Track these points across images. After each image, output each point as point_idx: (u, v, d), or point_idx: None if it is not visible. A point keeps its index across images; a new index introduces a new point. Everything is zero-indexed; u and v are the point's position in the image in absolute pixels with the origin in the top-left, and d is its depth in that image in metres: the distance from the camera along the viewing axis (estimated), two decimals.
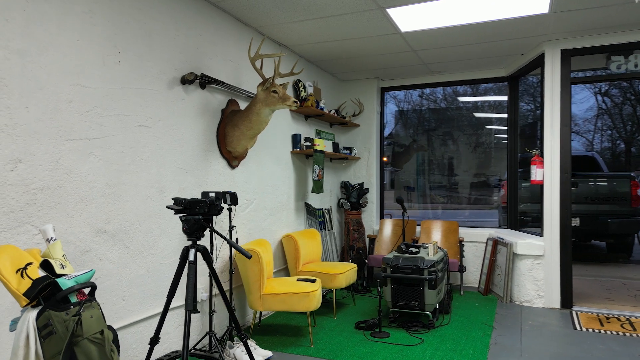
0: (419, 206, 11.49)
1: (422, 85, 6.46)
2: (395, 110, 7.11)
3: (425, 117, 6.75)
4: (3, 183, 2.26)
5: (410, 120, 6.92)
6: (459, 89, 6.71)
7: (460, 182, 7.99)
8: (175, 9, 3.39)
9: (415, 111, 6.85)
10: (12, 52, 2.30)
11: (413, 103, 7.42)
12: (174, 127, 3.38)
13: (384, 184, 7.30)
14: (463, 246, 5.68)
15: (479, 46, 4.97)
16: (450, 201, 10.31)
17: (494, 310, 4.74)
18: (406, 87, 6.55)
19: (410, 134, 7.10)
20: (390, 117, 7.73)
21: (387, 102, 6.74)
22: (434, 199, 10.74)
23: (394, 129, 7.41)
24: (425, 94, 6.82)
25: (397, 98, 6.97)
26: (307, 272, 4.54)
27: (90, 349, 1.76)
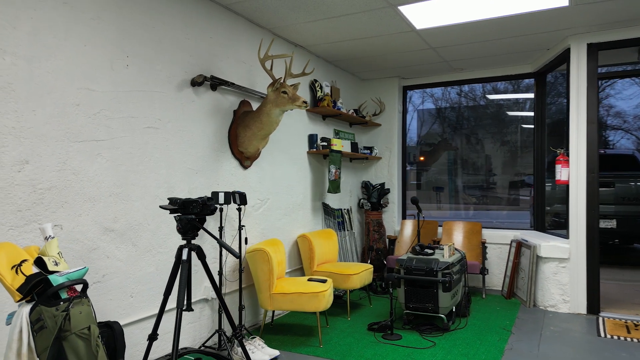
0: (450, 206, 11.25)
1: (445, 83, 6.33)
2: (432, 108, 6.96)
3: (462, 116, 6.58)
4: (10, 183, 2.37)
5: (449, 118, 6.75)
6: (489, 86, 6.51)
7: (492, 182, 7.76)
8: (186, 12, 3.46)
9: (454, 109, 6.68)
10: (19, 58, 2.41)
11: (451, 101, 7.23)
12: (184, 128, 3.45)
13: (410, 184, 7.21)
14: (486, 248, 5.53)
15: (500, 42, 4.83)
16: (481, 201, 10.05)
17: (515, 314, 4.59)
18: (428, 85, 6.44)
19: (445, 132, 6.95)
20: (428, 116, 7.59)
21: (425, 100, 6.62)
22: (465, 199, 10.50)
23: (431, 127, 7.26)
24: (464, 92, 6.62)
25: (434, 96, 6.82)
26: (321, 272, 4.54)
27: (77, 343, 1.82)
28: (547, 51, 5.18)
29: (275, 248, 4.06)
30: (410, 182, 7.30)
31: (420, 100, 6.72)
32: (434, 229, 5.93)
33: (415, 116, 7.08)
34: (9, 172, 2.36)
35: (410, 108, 6.73)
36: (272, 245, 4.04)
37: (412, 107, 6.67)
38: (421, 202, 8.18)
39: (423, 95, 6.86)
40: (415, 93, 6.96)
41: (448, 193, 9.00)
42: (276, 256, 4.01)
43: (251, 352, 3.37)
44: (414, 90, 6.84)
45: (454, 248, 4.50)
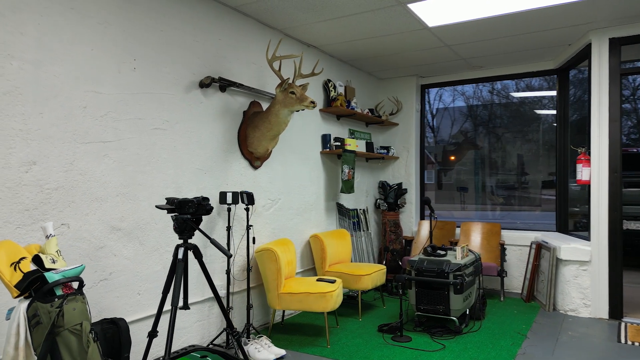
0: (476, 207, 10.97)
1: (464, 81, 6.21)
2: (463, 106, 6.80)
3: (495, 114, 6.40)
4: (18, 183, 2.46)
5: (481, 117, 6.57)
6: (522, 83, 6.29)
7: (524, 182, 7.51)
8: (194, 15, 3.51)
9: (486, 107, 6.49)
10: (26, 63, 2.50)
11: (483, 99, 7.05)
12: (192, 129, 3.51)
13: (431, 184, 7.10)
14: (505, 250, 5.40)
15: (517, 38, 4.70)
16: (509, 202, 9.76)
17: (532, 318, 4.46)
18: (447, 83, 6.33)
19: (472, 131, 6.78)
20: (459, 115, 7.43)
21: (456, 98, 6.48)
22: (493, 200, 10.22)
23: (462, 125, 7.10)
24: (497, 89, 6.44)
25: (465, 94, 6.65)
26: (333, 272, 4.53)
27: (70, 339, 1.87)
28: (568, 47, 5.02)
29: (285, 248, 4.07)
30: (432, 182, 7.17)
31: (451, 98, 6.56)
32: (451, 229, 5.83)
33: (445, 115, 6.92)
34: (16, 173, 2.45)
35: (440, 106, 6.62)
36: (282, 245, 4.06)
37: (442, 106, 6.55)
38: (445, 203, 8.06)
39: (454, 94, 6.69)
40: (445, 91, 6.83)
41: (474, 193, 8.81)
42: (286, 256, 4.02)
43: (257, 350, 3.40)
44: (443, 89, 6.73)
45: (468, 249, 4.41)
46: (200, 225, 3.57)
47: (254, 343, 3.45)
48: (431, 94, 6.84)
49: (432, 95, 6.86)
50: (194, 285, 3.52)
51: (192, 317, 3.51)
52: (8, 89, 2.42)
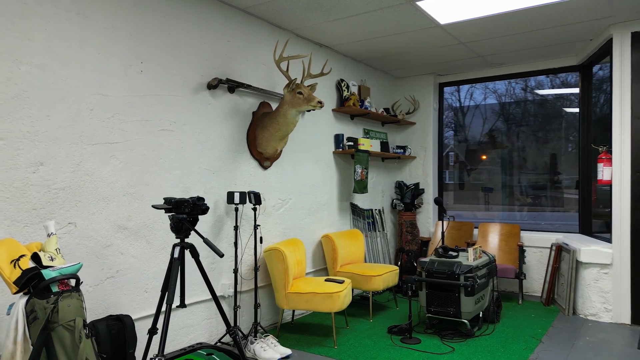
0: (503, 208, 10.69)
1: (483, 79, 6.09)
2: (495, 103, 6.63)
3: (528, 112, 6.22)
4: (25, 183, 2.56)
5: (514, 115, 6.39)
6: (558, 80, 6.06)
7: (557, 181, 7.27)
8: (202, 17, 3.56)
9: (519, 104, 6.31)
10: (34, 67, 2.59)
11: (516, 97, 6.86)
12: (200, 130, 3.56)
13: (449, 184, 6.98)
14: (524, 251, 5.26)
15: (535, 34, 4.57)
16: (539, 203, 9.46)
17: (550, 322, 4.33)
18: (466, 81, 6.22)
19: (499, 129, 6.61)
20: (491, 113, 7.26)
21: (487, 96, 6.33)
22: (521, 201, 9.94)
23: (494, 124, 6.93)
24: (530, 86, 6.26)
25: (497, 92, 6.49)
26: (344, 272, 4.51)
27: (64, 334, 1.93)
28: (590, 42, 4.85)
29: (295, 248, 4.08)
30: (454, 182, 7.04)
31: (482, 96, 6.39)
32: (469, 230, 5.72)
33: (477, 113, 6.75)
34: (24, 173, 2.55)
35: (471, 104, 6.49)
36: (291, 244, 4.07)
37: (473, 104, 6.41)
38: (468, 203, 7.90)
39: (485, 92, 6.53)
40: (476, 89, 6.67)
41: (502, 194, 8.60)
42: (295, 256, 4.03)
43: (263, 349, 3.42)
44: (474, 87, 6.58)
45: (482, 251, 4.32)
46: (209, 225, 3.62)
47: (260, 342, 3.47)
48: (462, 92, 6.71)
49: (462, 93, 6.71)
50: (202, 284, 3.57)
51: (200, 315, 3.57)
52: (16, 92, 2.52)
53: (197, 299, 3.54)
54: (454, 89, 6.76)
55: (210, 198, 3.63)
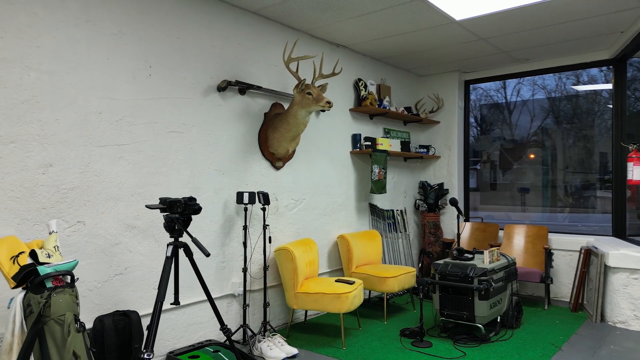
0: (543, 209, 10.24)
1: (511, 75, 5.89)
2: (544, 98, 6.36)
3: (580, 108, 5.93)
4: (35, 184, 2.69)
5: (564, 111, 6.11)
6: None
7: (595, 182, 6.90)
8: (211, 20, 3.63)
9: (570, 99, 6.01)
10: (42, 73, 2.72)
11: (566, 92, 6.57)
12: (210, 131, 3.63)
13: (479, 184, 6.79)
14: (552, 254, 5.04)
15: (560, 27, 4.38)
16: (581, 204, 9.00)
17: (574, 329, 4.13)
18: (493, 78, 6.03)
19: (538, 127, 6.33)
20: (539, 110, 6.99)
21: (536, 92, 6.10)
22: (563, 202, 9.49)
23: (544, 122, 6.67)
24: (582, 81, 5.97)
25: (547, 89, 6.23)
26: (358, 273, 4.48)
27: (55, 328, 2.02)
28: (621, 34, 4.59)
29: (307, 248, 4.09)
30: (486, 182, 6.84)
31: (530, 92, 6.15)
32: (494, 232, 5.54)
33: (524, 110, 6.50)
34: (34, 175, 2.68)
35: (518, 101, 6.30)
36: (303, 245, 4.09)
37: (520, 100, 6.20)
38: (505, 204, 7.65)
39: (534, 88, 6.29)
40: (523, 86, 6.44)
41: (542, 194, 8.26)
42: (307, 256, 4.04)
43: (269, 348, 3.45)
44: (522, 83, 6.37)
45: (499, 253, 4.17)
46: (219, 224, 3.69)
47: (266, 341, 3.50)
48: (508, 89, 6.51)
49: (509, 90, 6.51)
50: (211, 282, 3.64)
51: (210, 313, 3.64)
52: (26, 97, 2.66)
53: (206, 297, 3.60)
54: (499, 85, 6.54)
55: (220, 198, 3.70)
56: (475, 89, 6.45)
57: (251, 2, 3.75)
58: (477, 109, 6.78)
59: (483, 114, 6.89)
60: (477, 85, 6.31)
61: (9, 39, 2.59)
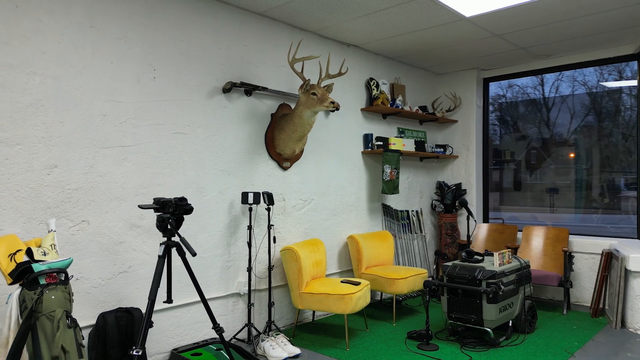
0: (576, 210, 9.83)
1: (531, 72, 5.72)
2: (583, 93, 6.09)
3: (624, 105, 5.66)
4: (40, 184, 2.80)
5: (607, 108, 5.84)
6: None
7: (626, 183, 6.56)
8: (216, 23, 3.68)
9: (612, 96, 5.73)
10: (48, 78, 2.83)
11: (603, 88, 6.28)
12: (215, 132, 3.68)
13: (489, 184, 6.62)
14: (572, 257, 4.86)
15: (576, 22, 4.22)
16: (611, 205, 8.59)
17: (592, 335, 3.97)
18: (512, 75, 5.87)
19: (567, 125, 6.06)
20: (580, 107, 6.73)
21: (575, 89, 5.87)
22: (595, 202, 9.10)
23: (583, 120, 6.43)
24: (626, 76, 5.69)
25: (587, 85, 5.98)
26: (368, 274, 4.45)
27: (46, 323, 2.10)
28: None
29: (314, 248, 4.09)
30: (510, 182, 6.63)
31: (570, 89, 5.90)
32: (512, 234, 5.39)
33: (563, 107, 6.24)
34: (39, 175, 2.79)
35: (557, 97, 6.09)
36: (310, 245, 4.09)
37: (559, 98, 5.98)
38: (532, 205, 7.42)
39: (573, 84, 6.05)
40: (563, 82, 6.20)
41: (575, 195, 7.95)
42: (314, 256, 4.04)
43: (272, 348, 3.47)
44: (561, 79, 6.15)
45: (512, 255, 4.05)
46: (224, 224, 3.74)
47: (269, 340, 3.52)
48: (546, 86, 6.29)
49: (547, 87, 6.28)
50: (216, 281, 3.69)
51: (215, 311, 3.69)
52: (31, 101, 2.76)
53: (211, 295, 3.66)
54: (536, 81, 6.31)
55: (225, 198, 3.74)
56: (511, 85, 6.27)
57: (256, 4, 3.78)
58: (512, 107, 6.57)
59: (512, 112, 6.67)
60: (514, 82, 6.10)
61: (14, 45, 2.70)
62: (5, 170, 2.67)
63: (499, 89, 6.24)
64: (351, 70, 4.88)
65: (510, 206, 6.88)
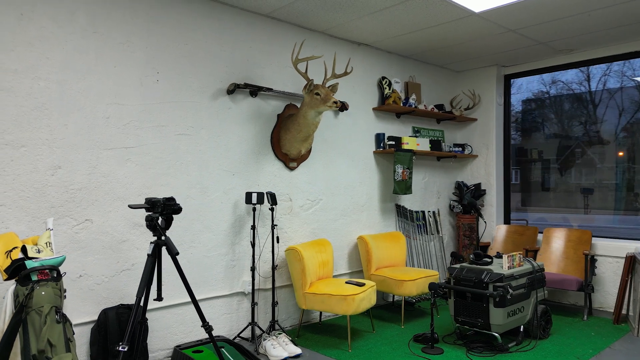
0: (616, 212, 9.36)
1: (555, 67, 5.50)
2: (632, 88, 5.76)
3: None
4: (45, 184, 2.92)
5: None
6: None
7: None
8: (221, 25, 3.73)
9: None
10: (52, 82, 2.95)
11: None
12: (220, 133, 3.74)
13: (511, 184, 6.40)
14: (595, 261, 4.64)
15: (591, 15, 4.02)
16: None
17: (609, 342, 3.79)
18: (535, 72, 5.67)
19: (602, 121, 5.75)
20: (629, 104, 6.41)
21: (625, 84, 5.57)
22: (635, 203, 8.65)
23: (633, 117, 6.13)
24: None
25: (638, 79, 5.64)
26: (377, 276, 4.40)
27: (35, 318, 2.19)
28: None
29: (320, 248, 4.09)
30: (537, 182, 6.39)
31: (619, 83, 5.60)
32: (532, 236, 5.20)
33: (612, 104, 5.94)
34: (43, 176, 2.92)
35: (603, 93, 5.84)
36: (317, 245, 4.09)
37: (606, 94, 5.72)
38: (564, 206, 7.14)
39: (622, 79, 5.75)
40: (610, 78, 5.87)
41: (615, 195, 7.57)
42: (320, 256, 4.04)
43: (272, 347, 3.49)
44: (608, 75, 5.87)
45: (523, 258, 3.91)
46: (229, 224, 3.79)
47: (270, 339, 3.54)
48: (593, 81, 6.01)
49: (594, 83, 6.00)
50: (221, 280, 3.75)
51: (219, 310, 3.74)
52: (36, 105, 2.89)
53: (216, 294, 3.72)
54: (582, 77, 6.04)
55: (229, 198, 3.79)
56: (555, 82, 6.03)
57: (260, 6, 3.81)
58: (555, 103, 6.31)
59: (556, 108, 6.40)
60: (557, 77, 5.85)
61: (19, 51, 2.83)
62: (11, 171, 2.80)
63: (541, 85, 6.01)
64: (362, 70, 4.84)
65: (539, 207, 6.63)
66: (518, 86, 6.11)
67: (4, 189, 2.78)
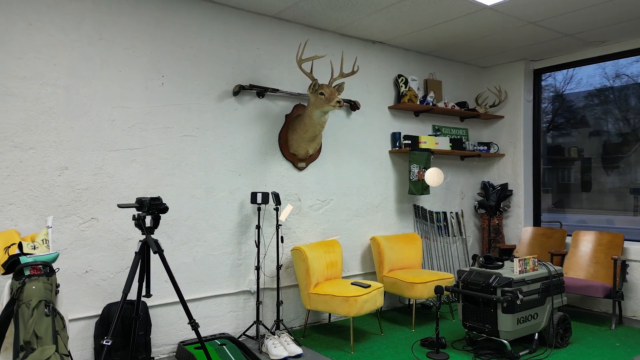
0: None
1: (587, 61, 5.19)
2: None
3: None
4: (52, 184, 3.08)
5: None
6: None
7: None
8: (226, 28, 3.79)
9: None
10: (58, 88, 3.11)
11: None
12: (226, 134, 3.80)
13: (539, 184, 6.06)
14: (627, 266, 4.34)
15: (615, 3, 3.76)
16: None
17: (633, 355, 3.53)
18: (566, 65, 5.37)
19: None
20: None
21: None
22: None
23: None
24: None
25: None
26: (388, 277, 4.32)
27: (24, 311, 2.32)
28: None
29: (328, 249, 4.07)
30: (576, 183, 6.05)
31: None
32: (560, 239, 4.93)
33: None
34: (50, 176, 3.08)
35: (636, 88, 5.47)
36: (325, 246, 4.07)
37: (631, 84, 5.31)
38: (608, 208, 6.75)
39: None
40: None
41: None
42: (327, 257, 4.02)
43: (273, 346, 3.50)
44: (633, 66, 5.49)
45: (538, 262, 3.71)
46: (235, 223, 3.84)
47: (272, 338, 3.56)
48: None
49: None
50: (227, 278, 3.81)
51: (225, 307, 3.81)
52: (43, 109, 3.06)
53: (222, 291, 3.78)
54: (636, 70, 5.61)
55: (235, 198, 3.85)
56: (618, 75, 5.66)
57: (266, 7, 3.84)
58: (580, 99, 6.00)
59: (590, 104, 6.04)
60: (622, 70, 5.47)
61: (28, 59, 3.00)
62: (20, 172, 2.98)
63: (604, 79, 5.65)
64: (377, 68, 4.77)
65: (579, 209, 6.28)
66: (577, 80, 5.75)
67: (13, 188, 2.96)
